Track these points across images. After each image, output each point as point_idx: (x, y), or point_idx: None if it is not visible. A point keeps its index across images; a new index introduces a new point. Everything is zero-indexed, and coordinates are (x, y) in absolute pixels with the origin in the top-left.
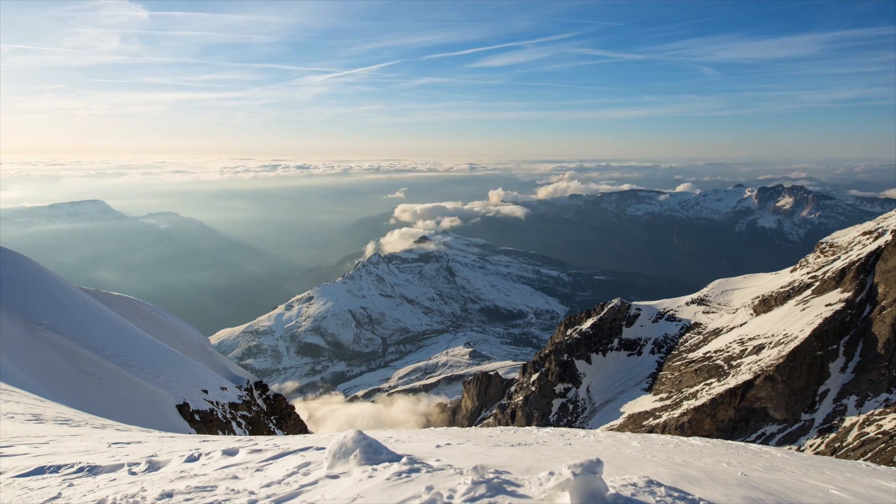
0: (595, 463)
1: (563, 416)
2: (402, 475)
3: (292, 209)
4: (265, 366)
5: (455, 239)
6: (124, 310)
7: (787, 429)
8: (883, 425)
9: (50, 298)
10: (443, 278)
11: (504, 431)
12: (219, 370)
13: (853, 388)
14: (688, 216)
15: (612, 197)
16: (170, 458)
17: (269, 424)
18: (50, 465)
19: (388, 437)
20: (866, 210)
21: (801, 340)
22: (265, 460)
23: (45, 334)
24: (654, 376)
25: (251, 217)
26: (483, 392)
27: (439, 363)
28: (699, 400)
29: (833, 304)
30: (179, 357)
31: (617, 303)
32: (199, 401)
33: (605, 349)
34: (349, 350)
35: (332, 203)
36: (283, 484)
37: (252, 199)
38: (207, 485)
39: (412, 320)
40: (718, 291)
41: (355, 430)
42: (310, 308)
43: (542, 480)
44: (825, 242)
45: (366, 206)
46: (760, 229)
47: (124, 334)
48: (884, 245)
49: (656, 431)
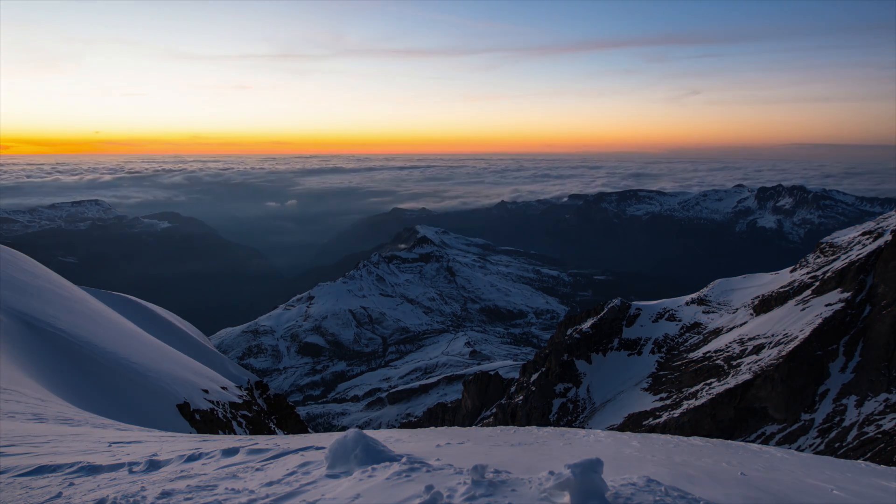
0: (595, 462)
1: (563, 415)
2: (402, 475)
3: (293, 209)
4: (265, 365)
5: (455, 238)
6: (125, 309)
7: (787, 429)
8: (883, 425)
9: (50, 298)
10: (443, 278)
11: (504, 431)
12: (219, 370)
13: (853, 388)
14: (688, 216)
15: (612, 197)
16: (170, 457)
17: (270, 424)
18: (51, 464)
19: (388, 436)
20: (866, 210)
21: (801, 340)
22: (265, 460)
23: (45, 333)
24: (654, 376)
25: (252, 217)
26: (483, 392)
27: (439, 363)
28: (699, 400)
29: (833, 304)
30: (180, 357)
31: (617, 303)
32: (199, 400)
33: (605, 349)
34: (349, 350)
35: (332, 203)
36: (283, 483)
37: (253, 199)
38: (207, 484)
39: (412, 320)
40: (718, 291)
41: (355, 430)
42: (310, 308)
43: (543, 480)
44: (825, 242)
45: (366, 206)
46: (760, 229)
47: (125, 334)
48: (884, 245)
49: (656, 431)
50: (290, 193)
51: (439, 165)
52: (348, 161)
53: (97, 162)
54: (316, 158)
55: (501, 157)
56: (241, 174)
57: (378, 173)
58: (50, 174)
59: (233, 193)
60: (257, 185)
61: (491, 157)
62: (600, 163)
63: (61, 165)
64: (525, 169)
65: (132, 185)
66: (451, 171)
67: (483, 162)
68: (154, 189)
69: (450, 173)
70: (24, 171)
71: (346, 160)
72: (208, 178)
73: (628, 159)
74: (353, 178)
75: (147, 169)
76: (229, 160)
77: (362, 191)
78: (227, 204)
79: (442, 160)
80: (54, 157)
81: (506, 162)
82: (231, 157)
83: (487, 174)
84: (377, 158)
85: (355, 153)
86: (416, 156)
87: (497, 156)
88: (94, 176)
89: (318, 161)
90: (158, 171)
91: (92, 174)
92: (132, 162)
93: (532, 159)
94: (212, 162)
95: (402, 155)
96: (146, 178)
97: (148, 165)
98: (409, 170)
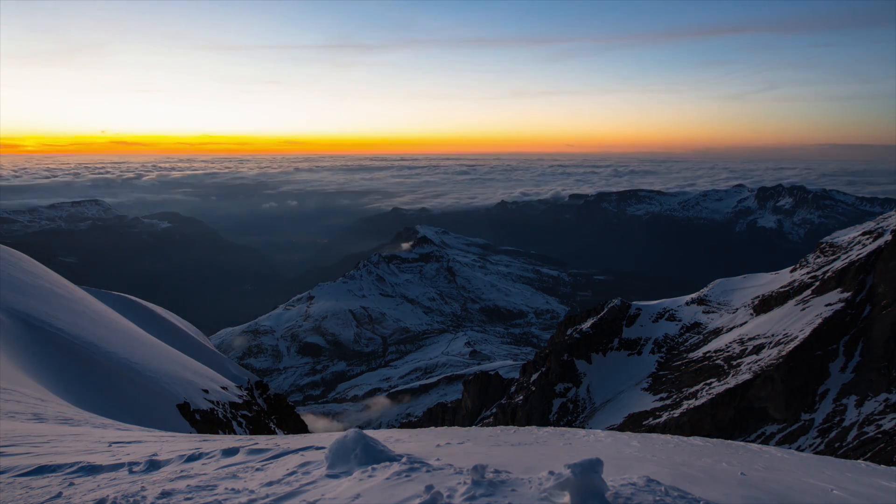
0: (595, 462)
1: (563, 415)
2: (402, 475)
3: (293, 209)
4: (265, 365)
5: (455, 238)
6: (125, 309)
7: (787, 429)
8: (883, 425)
9: (50, 298)
10: (443, 278)
11: (504, 431)
12: (219, 370)
13: (853, 388)
14: (688, 216)
15: (612, 197)
16: (170, 457)
17: (270, 424)
18: (51, 464)
19: (388, 436)
20: (866, 210)
21: (800, 340)
22: (265, 460)
23: (45, 333)
24: (654, 376)
25: (252, 217)
26: (483, 392)
27: (439, 363)
28: (699, 400)
29: (833, 304)
30: (180, 356)
31: (617, 303)
32: (199, 400)
33: (605, 349)
34: (349, 350)
35: (332, 202)
36: (283, 483)
37: (253, 199)
38: (207, 484)
39: (412, 320)
40: (718, 291)
41: (355, 430)
42: (310, 308)
43: (543, 480)
44: (825, 242)
45: (366, 206)
46: (760, 229)
47: (125, 334)
48: (884, 245)
49: (656, 431)
50: (290, 193)
51: (442, 166)
52: (358, 160)
53: (99, 161)
54: (327, 158)
55: (542, 157)
56: (241, 174)
57: (380, 173)
58: (54, 175)
59: (233, 193)
60: (258, 185)
61: (526, 156)
62: (608, 162)
63: (65, 166)
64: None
65: (132, 185)
66: (468, 168)
67: (516, 161)
68: (154, 189)
69: (466, 171)
70: (24, 171)
71: (353, 160)
72: (209, 179)
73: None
74: (354, 178)
75: (147, 169)
76: (231, 161)
77: (362, 191)
78: (228, 204)
79: (464, 160)
80: (59, 157)
81: (546, 162)
82: (234, 157)
83: (496, 173)
84: (392, 158)
85: (383, 153)
86: (435, 156)
87: (536, 155)
88: (96, 176)
89: (322, 161)
90: (159, 172)
91: (93, 174)
92: (135, 162)
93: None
94: (214, 162)
95: (423, 155)
96: (146, 179)
97: (150, 166)
98: (414, 170)
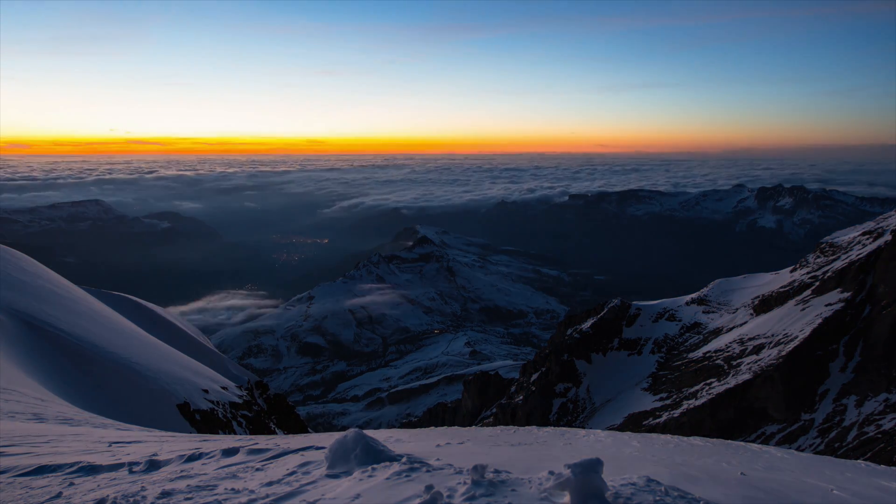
0: (595, 462)
1: (563, 415)
2: (402, 475)
3: (293, 209)
4: (265, 365)
5: (455, 238)
6: (125, 309)
7: (787, 429)
8: (883, 425)
9: (51, 298)
10: (443, 278)
11: (504, 431)
12: (219, 370)
13: (853, 388)
14: (688, 216)
15: (612, 197)
16: (170, 457)
17: (270, 424)
18: (51, 464)
19: (388, 436)
20: (866, 210)
21: (800, 340)
22: (265, 460)
23: (45, 333)
24: (654, 376)
25: (253, 217)
26: (483, 392)
27: (439, 363)
28: (699, 400)
29: (833, 304)
30: (180, 357)
31: (617, 303)
32: (199, 400)
33: (605, 349)
34: (349, 350)
35: (332, 202)
36: (284, 483)
37: (253, 199)
38: (207, 484)
39: (412, 320)
40: (718, 291)
41: (355, 430)
42: (310, 308)
43: (543, 480)
44: (825, 242)
45: (366, 206)
46: (760, 229)
47: (125, 334)
48: (884, 245)
49: (656, 431)
50: (290, 193)
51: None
52: (358, 160)
53: (99, 162)
54: (337, 158)
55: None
56: (242, 174)
57: (382, 172)
58: (55, 175)
59: (233, 194)
60: (258, 186)
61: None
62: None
63: (69, 166)
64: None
65: (133, 185)
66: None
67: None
68: (155, 189)
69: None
70: (25, 171)
71: (354, 160)
72: (209, 179)
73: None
74: (354, 177)
75: (149, 169)
76: (234, 161)
77: (362, 191)
78: (228, 204)
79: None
80: (61, 156)
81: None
82: (234, 158)
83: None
84: (400, 157)
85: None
86: (433, 156)
87: (563, 155)
88: (97, 176)
89: (328, 161)
90: (160, 171)
91: (94, 174)
92: (139, 162)
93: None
94: (216, 162)
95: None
96: (147, 179)
97: (151, 166)
98: (413, 170)
